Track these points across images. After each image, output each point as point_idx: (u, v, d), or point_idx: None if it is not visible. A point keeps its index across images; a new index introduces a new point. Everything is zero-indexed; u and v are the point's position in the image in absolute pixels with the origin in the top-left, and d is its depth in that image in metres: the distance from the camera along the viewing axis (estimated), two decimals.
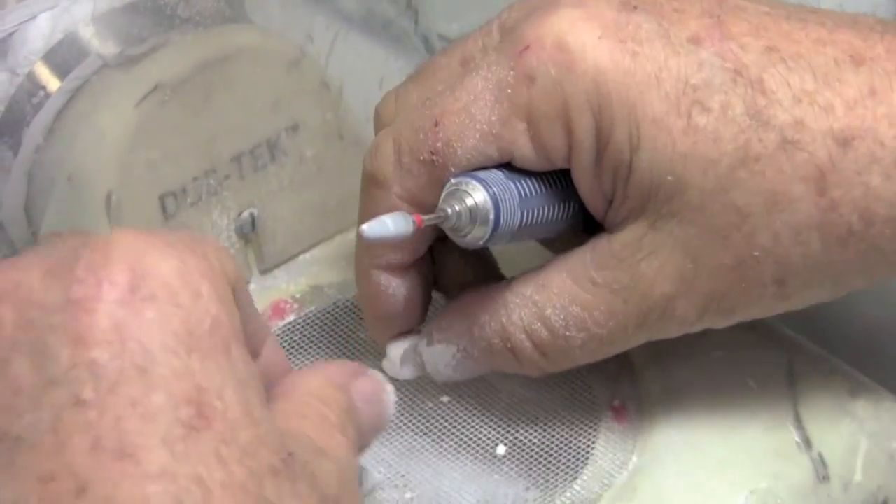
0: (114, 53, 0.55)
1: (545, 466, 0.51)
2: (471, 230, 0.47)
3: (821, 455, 0.52)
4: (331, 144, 0.61)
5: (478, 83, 0.48)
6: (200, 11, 0.56)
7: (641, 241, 0.48)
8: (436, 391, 0.54)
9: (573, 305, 0.49)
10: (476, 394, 0.54)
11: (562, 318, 0.49)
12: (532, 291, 0.49)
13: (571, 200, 0.50)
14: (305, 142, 0.60)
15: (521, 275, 0.50)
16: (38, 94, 0.54)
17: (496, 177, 0.48)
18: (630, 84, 0.47)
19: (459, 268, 0.54)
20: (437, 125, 0.48)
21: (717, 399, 0.53)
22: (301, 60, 0.59)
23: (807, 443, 0.52)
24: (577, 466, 0.51)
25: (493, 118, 0.48)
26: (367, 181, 0.51)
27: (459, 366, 0.52)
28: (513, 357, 0.50)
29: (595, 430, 0.53)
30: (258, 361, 0.40)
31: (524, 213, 0.48)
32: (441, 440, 0.52)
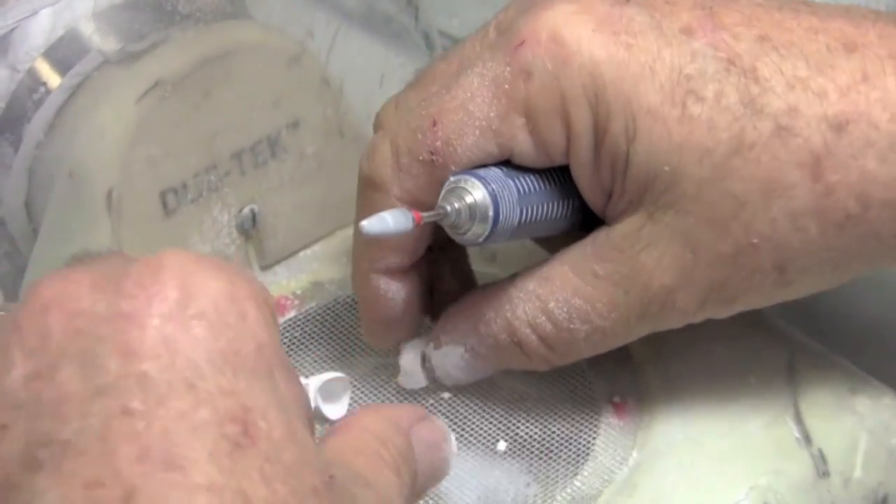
0: (114, 50, 0.55)
1: (546, 462, 0.51)
2: (470, 227, 0.47)
3: (821, 451, 0.52)
4: (331, 141, 0.61)
5: (474, 80, 0.48)
6: (201, 8, 0.56)
7: (640, 233, 0.48)
8: (437, 388, 0.54)
9: (575, 298, 0.49)
10: (477, 390, 0.54)
11: (565, 311, 0.49)
12: (535, 286, 0.50)
13: (570, 198, 0.50)
14: (306, 138, 0.60)
15: (524, 270, 0.50)
16: (39, 91, 0.54)
17: (495, 174, 0.48)
18: (625, 76, 0.47)
19: (446, 281, 0.54)
20: (436, 124, 0.48)
21: (718, 395, 0.53)
22: (301, 57, 0.59)
23: (807, 438, 0.52)
24: (578, 462, 0.51)
25: (492, 114, 0.48)
26: (365, 184, 0.50)
27: (468, 367, 0.52)
28: (520, 351, 0.50)
29: (595, 426, 0.53)
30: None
31: (523, 210, 0.48)
32: None
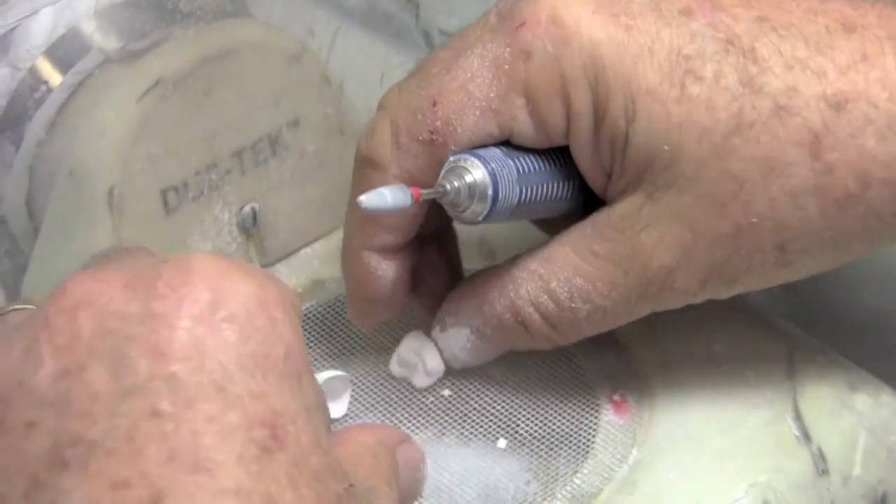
0: (116, 48, 0.55)
1: (546, 460, 0.51)
2: (469, 206, 0.48)
3: (820, 449, 0.52)
4: (332, 139, 0.61)
5: (474, 62, 0.49)
6: (202, 6, 0.57)
7: (640, 213, 0.48)
8: (437, 385, 0.54)
9: (577, 277, 0.49)
10: (477, 388, 0.54)
11: (566, 291, 0.49)
12: (537, 265, 0.50)
13: (570, 179, 0.50)
14: (306, 136, 0.60)
15: (527, 251, 0.51)
16: (40, 89, 0.54)
17: (495, 154, 0.48)
18: (624, 56, 0.47)
19: (435, 269, 0.54)
20: (436, 104, 0.49)
21: (717, 393, 0.53)
22: (302, 55, 0.59)
23: (806, 436, 0.52)
24: (578, 460, 0.51)
25: (492, 94, 0.48)
26: (363, 163, 0.51)
27: (474, 348, 0.52)
28: (524, 331, 0.51)
29: (595, 424, 0.53)
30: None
31: (523, 190, 0.48)
32: (442, 434, 0.52)
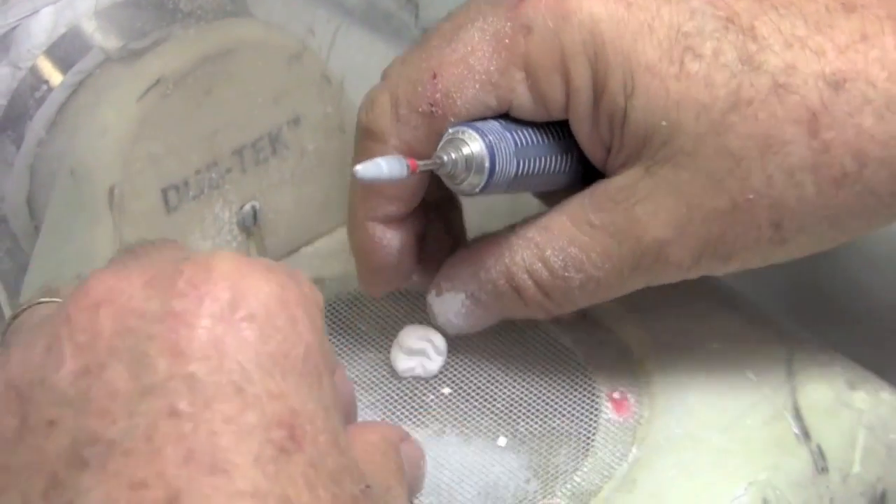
0: (116, 47, 0.55)
1: (546, 458, 0.52)
2: (466, 178, 0.48)
3: (819, 447, 0.52)
4: (332, 138, 0.61)
5: (475, 35, 0.49)
6: (202, 5, 0.57)
7: (636, 186, 0.48)
8: (437, 383, 0.54)
9: (571, 247, 0.49)
10: (477, 386, 0.54)
11: (560, 259, 0.50)
12: (534, 233, 0.50)
13: (569, 153, 0.51)
14: (307, 135, 0.60)
15: (526, 219, 0.51)
16: (41, 88, 0.54)
17: (493, 127, 0.49)
18: (624, 33, 0.47)
19: (439, 238, 0.54)
20: (436, 77, 0.49)
21: (717, 391, 0.53)
22: (302, 54, 0.59)
23: (806, 434, 0.52)
24: (578, 458, 0.51)
25: (492, 68, 0.49)
26: (363, 134, 0.51)
27: (469, 314, 0.52)
28: (518, 297, 0.51)
29: (595, 422, 0.53)
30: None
31: (520, 163, 0.49)
32: (442, 432, 0.52)
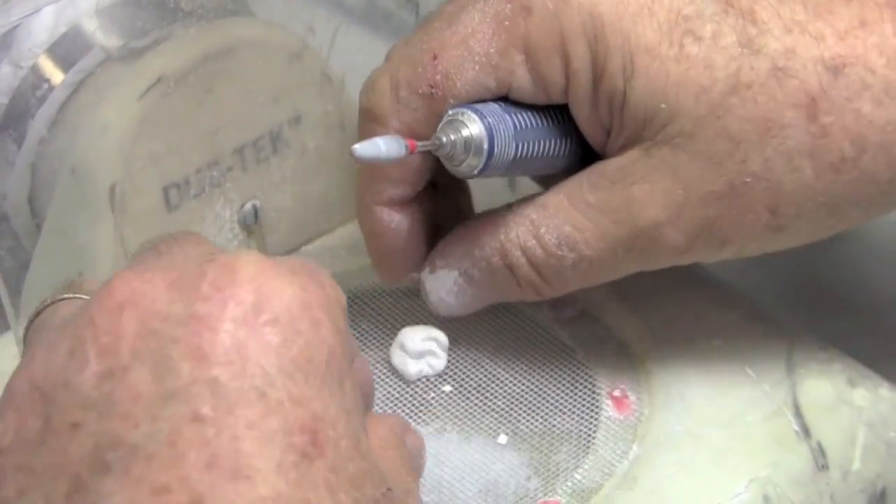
0: (117, 46, 0.55)
1: (546, 455, 0.52)
2: (465, 159, 0.48)
3: (820, 444, 0.52)
4: (333, 136, 0.61)
5: (475, 16, 0.49)
6: (203, 4, 0.57)
7: (634, 166, 0.49)
8: (438, 381, 0.54)
9: (566, 225, 0.50)
10: (478, 383, 0.54)
11: (555, 237, 0.50)
12: (530, 211, 0.50)
13: (568, 136, 0.51)
14: (307, 134, 0.60)
15: (524, 198, 0.51)
16: (42, 87, 0.54)
17: (493, 109, 0.49)
18: (623, 15, 0.48)
19: (449, 219, 0.54)
20: (436, 58, 0.49)
21: (717, 388, 0.53)
22: (303, 53, 0.59)
23: (806, 431, 0.52)
24: (579, 455, 0.52)
25: (492, 50, 0.49)
26: (364, 117, 0.51)
27: (461, 292, 0.52)
28: (511, 276, 0.51)
29: (596, 420, 0.53)
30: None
31: (519, 146, 0.49)
32: (443, 430, 0.53)
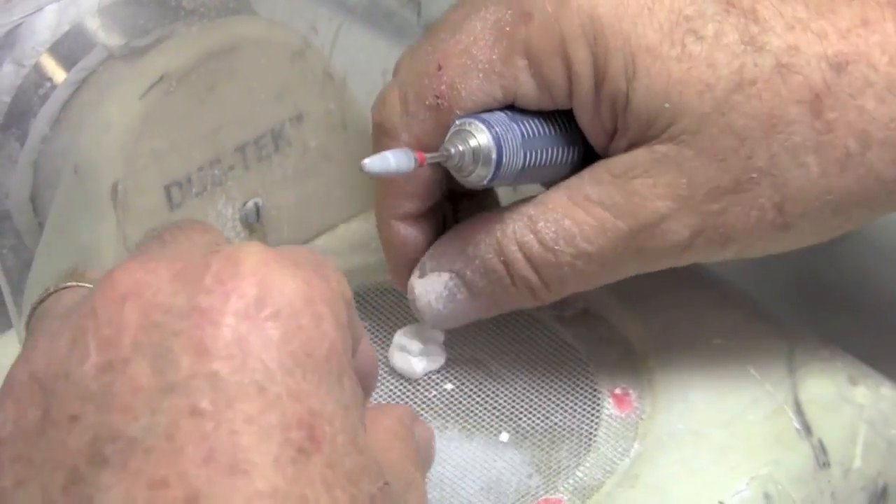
0: (119, 45, 0.55)
1: (548, 453, 0.52)
2: (474, 170, 0.48)
3: (821, 441, 0.52)
4: (334, 134, 0.61)
5: (476, 24, 0.49)
6: (205, 3, 0.57)
7: (637, 161, 0.49)
8: (439, 379, 0.54)
9: (565, 219, 0.49)
10: (479, 382, 0.54)
11: (552, 231, 0.49)
12: (529, 207, 0.50)
13: (575, 143, 0.51)
14: (309, 132, 0.60)
15: (525, 198, 0.51)
16: (45, 86, 0.54)
17: (500, 118, 0.49)
18: (623, 16, 0.48)
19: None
20: (441, 69, 0.49)
21: (718, 386, 0.53)
22: (305, 51, 0.59)
23: (807, 429, 0.52)
24: (580, 453, 0.52)
25: (494, 57, 0.49)
26: (376, 131, 0.52)
27: (451, 297, 0.51)
28: (505, 275, 0.50)
29: (597, 418, 0.53)
30: (355, 359, 0.40)
31: (527, 155, 0.49)
32: (444, 428, 0.53)
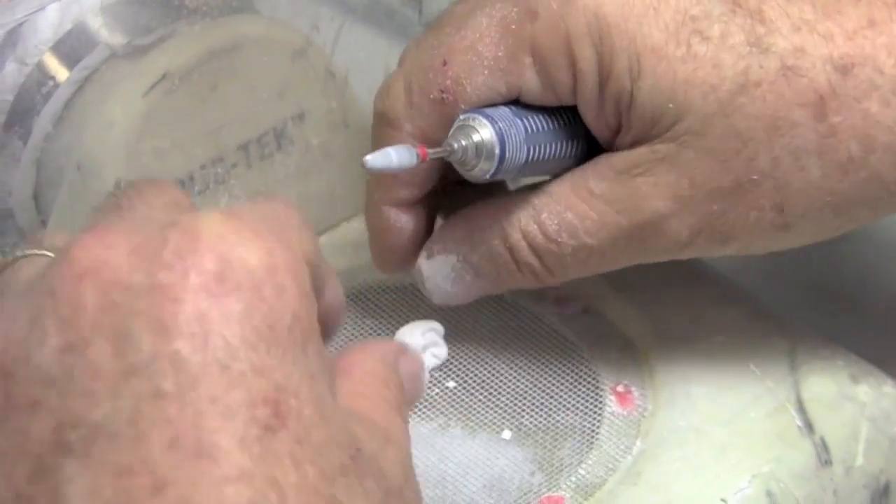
0: (122, 43, 0.55)
1: (550, 451, 0.52)
2: (477, 164, 0.48)
3: (823, 439, 0.52)
4: (336, 133, 0.61)
5: (482, 21, 0.49)
6: (207, 2, 0.57)
7: (639, 159, 0.49)
8: (442, 377, 0.54)
9: (568, 212, 0.50)
10: (481, 379, 0.54)
11: (556, 223, 0.50)
12: (533, 196, 0.51)
13: (578, 138, 0.51)
14: (311, 130, 0.60)
15: (529, 185, 0.51)
16: (48, 84, 0.54)
17: (503, 113, 0.49)
18: (629, 16, 0.48)
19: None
20: (446, 64, 0.50)
21: (720, 384, 0.53)
22: (307, 50, 0.59)
23: (809, 427, 0.52)
24: (582, 451, 0.52)
25: (500, 54, 0.49)
26: (378, 121, 0.52)
27: (458, 279, 0.52)
28: (510, 259, 0.51)
29: (600, 415, 0.53)
30: (321, 303, 0.38)
31: (530, 149, 0.49)
32: (447, 425, 0.53)
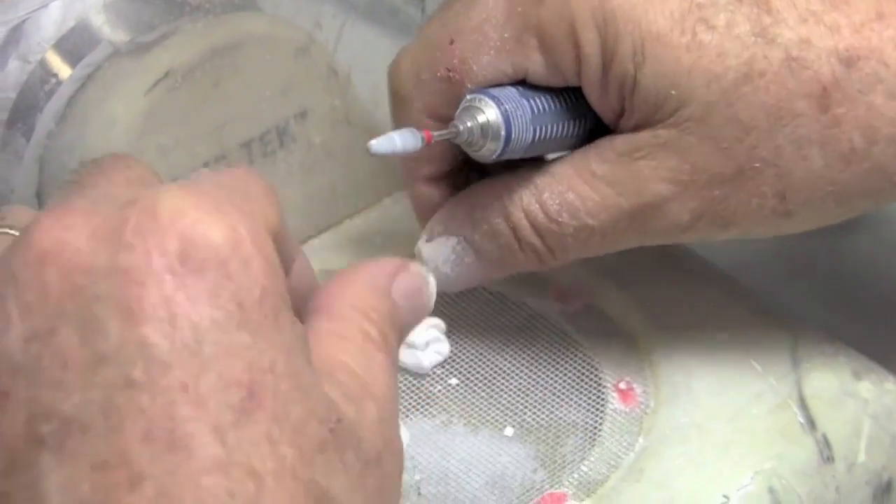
0: (125, 41, 0.55)
1: (553, 448, 0.52)
2: (483, 145, 0.49)
3: (825, 436, 0.52)
4: (339, 130, 0.61)
5: (490, 2, 0.50)
6: None
7: (642, 142, 0.49)
8: (444, 374, 0.55)
9: (569, 192, 0.50)
10: (484, 376, 0.54)
11: (557, 203, 0.50)
12: (535, 176, 0.51)
13: (584, 118, 0.51)
14: (314, 128, 0.60)
15: (533, 165, 0.51)
16: (50, 81, 0.54)
17: (509, 94, 0.49)
18: (634, 2, 0.48)
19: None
20: (453, 42, 0.50)
21: (723, 381, 0.53)
22: (309, 47, 0.59)
23: (811, 424, 0.52)
24: (585, 448, 0.52)
25: (506, 35, 0.50)
26: (392, 96, 0.53)
27: (459, 260, 0.52)
28: (512, 239, 0.51)
29: (602, 412, 0.53)
30: (289, 279, 0.37)
31: (536, 130, 0.50)
32: (449, 422, 0.53)
